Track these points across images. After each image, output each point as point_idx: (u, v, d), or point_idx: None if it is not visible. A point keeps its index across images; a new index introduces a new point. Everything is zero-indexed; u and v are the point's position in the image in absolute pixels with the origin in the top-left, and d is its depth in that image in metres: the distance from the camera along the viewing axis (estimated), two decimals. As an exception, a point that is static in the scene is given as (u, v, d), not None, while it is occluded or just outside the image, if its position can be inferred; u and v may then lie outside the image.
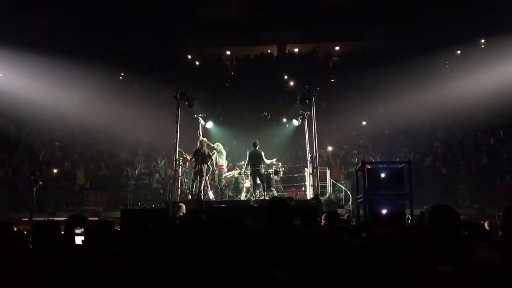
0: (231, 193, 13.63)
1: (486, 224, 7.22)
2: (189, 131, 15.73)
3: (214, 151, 12.84)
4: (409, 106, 17.88)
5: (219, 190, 12.86)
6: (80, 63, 18.40)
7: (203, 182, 12.12)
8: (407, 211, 7.68)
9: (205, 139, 12.78)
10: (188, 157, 12.03)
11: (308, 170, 12.75)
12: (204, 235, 2.73)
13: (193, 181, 11.96)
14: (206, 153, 12.25)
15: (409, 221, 7.62)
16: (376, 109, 19.46)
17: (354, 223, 7.87)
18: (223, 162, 12.96)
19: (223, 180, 12.94)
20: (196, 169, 11.91)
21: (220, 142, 13.32)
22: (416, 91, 18.30)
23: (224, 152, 13.10)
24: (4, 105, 18.21)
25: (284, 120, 19.51)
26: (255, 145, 12.69)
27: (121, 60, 21.08)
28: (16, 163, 16.92)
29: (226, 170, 13.35)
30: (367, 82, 19.96)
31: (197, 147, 12.17)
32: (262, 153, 12.56)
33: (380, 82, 19.40)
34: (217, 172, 12.87)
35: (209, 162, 12.46)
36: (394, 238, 3.68)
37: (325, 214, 6.54)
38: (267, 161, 12.81)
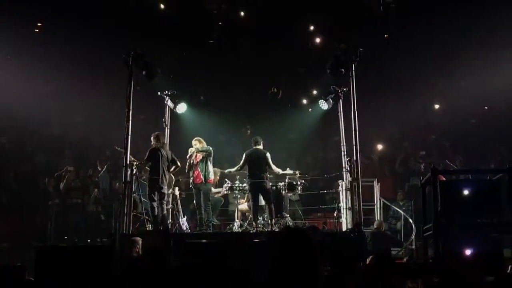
0: (216, 221, 13.66)
1: None
2: (151, 118, 15.70)
3: (197, 152, 12.90)
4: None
5: (199, 217, 12.89)
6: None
7: (164, 202, 12.17)
8: (506, 251, 7.68)
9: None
10: (136, 163, 12.01)
11: (344, 184, 12.74)
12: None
13: (152, 202, 12.01)
14: (170, 155, 12.37)
15: (510, 268, 7.61)
16: (457, 84, 19.41)
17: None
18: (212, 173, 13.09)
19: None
20: (158, 183, 11.99)
21: (198, 137, 13.36)
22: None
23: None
24: None
25: (305, 101, 19.50)
26: (256, 143, 12.73)
27: (38, 3, 20.94)
28: None
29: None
30: (442, 39, 19.87)
31: (153, 146, 12.25)
32: (268, 155, 12.59)
33: (465, 39, 19.31)
34: (202, 189, 12.94)
35: (173, 169, 12.57)
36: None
37: (371, 257, 6.54)
38: (277, 170, 12.82)
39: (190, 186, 13.22)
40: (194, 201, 13.19)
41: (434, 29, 19.27)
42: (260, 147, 12.74)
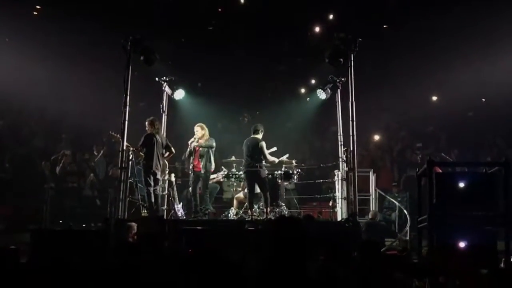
0: (212, 208, 13.68)
1: None
2: (149, 104, 15.66)
3: (199, 147, 12.87)
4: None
5: (194, 204, 12.91)
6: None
7: (158, 188, 12.22)
8: (500, 244, 7.69)
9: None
10: (132, 148, 11.95)
11: (340, 174, 12.76)
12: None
13: (148, 187, 12.01)
14: (164, 141, 12.40)
15: (503, 261, 7.63)
16: (454, 77, 19.41)
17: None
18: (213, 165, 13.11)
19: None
20: (152, 169, 11.99)
21: (193, 124, 13.35)
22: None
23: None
24: None
25: (303, 90, 19.47)
26: (255, 131, 12.73)
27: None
28: None
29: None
30: (441, 30, 19.85)
31: (148, 132, 12.23)
32: (262, 144, 12.59)
33: (464, 31, 19.30)
34: (202, 177, 12.96)
35: (167, 155, 12.61)
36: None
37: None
38: (272, 159, 12.82)
39: (190, 172, 13.18)
40: (190, 188, 13.17)
41: (433, 20, 19.27)
42: (258, 136, 12.71)
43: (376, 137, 18.59)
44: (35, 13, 21.46)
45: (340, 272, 4.48)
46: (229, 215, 13.10)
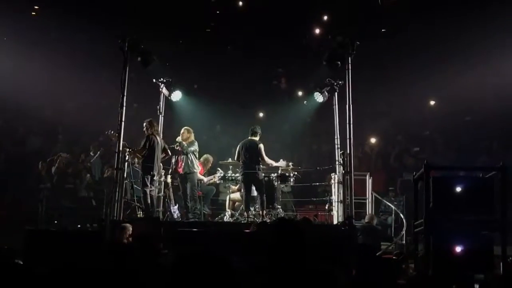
0: (208, 210, 13.65)
1: None
2: (146, 105, 15.64)
3: (182, 143, 12.87)
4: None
5: (190, 204, 12.88)
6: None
7: (154, 189, 12.20)
8: (497, 249, 7.68)
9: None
10: (129, 149, 11.89)
11: (336, 177, 12.75)
12: None
13: (145, 188, 11.99)
14: (163, 144, 12.41)
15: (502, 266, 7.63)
16: (453, 81, 19.43)
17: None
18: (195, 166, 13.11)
19: (198, 190, 13.05)
20: (152, 170, 11.95)
21: (190, 126, 13.34)
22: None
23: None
24: None
25: (300, 93, 19.47)
26: (253, 133, 12.72)
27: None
28: None
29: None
30: (439, 35, 19.88)
31: (150, 132, 12.21)
32: (261, 146, 12.58)
33: (462, 36, 19.32)
34: (188, 178, 12.96)
35: (163, 157, 12.61)
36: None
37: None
38: (269, 161, 12.80)
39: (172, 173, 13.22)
40: (180, 191, 13.17)
41: (431, 24, 19.30)
42: (256, 138, 12.72)
43: (373, 141, 18.57)
44: (33, 13, 21.49)
45: (336, 274, 4.46)
46: (225, 217, 13.08)
